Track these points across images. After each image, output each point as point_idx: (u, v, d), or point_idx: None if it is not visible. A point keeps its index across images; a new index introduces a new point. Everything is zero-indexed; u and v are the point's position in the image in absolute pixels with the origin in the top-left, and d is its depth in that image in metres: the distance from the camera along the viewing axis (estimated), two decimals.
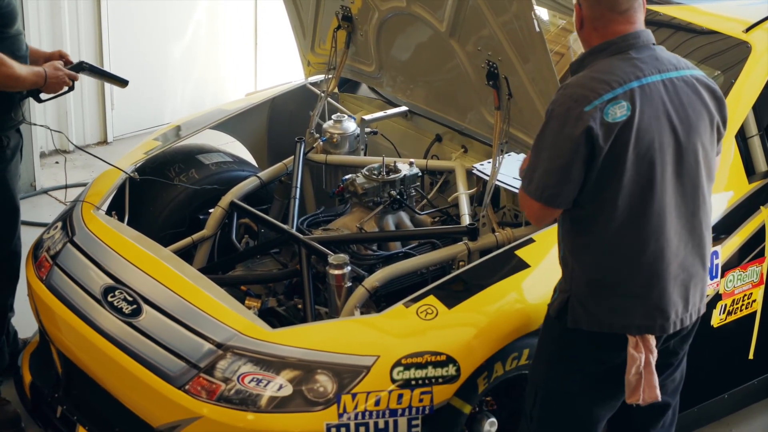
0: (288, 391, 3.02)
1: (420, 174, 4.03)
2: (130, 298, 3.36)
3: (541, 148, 2.78)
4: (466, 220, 3.73)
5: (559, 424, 3.01)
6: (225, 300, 3.33)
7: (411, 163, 4.02)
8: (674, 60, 2.85)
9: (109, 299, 3.38)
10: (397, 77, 4.32)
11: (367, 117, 4.38)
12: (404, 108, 4.46)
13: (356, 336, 3.17)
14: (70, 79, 3.77)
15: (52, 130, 4.42)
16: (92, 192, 3.94)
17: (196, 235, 3.98)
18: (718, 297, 3.64)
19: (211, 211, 4.05)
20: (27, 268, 3.76)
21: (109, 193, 3.91)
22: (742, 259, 3.69)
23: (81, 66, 3.87)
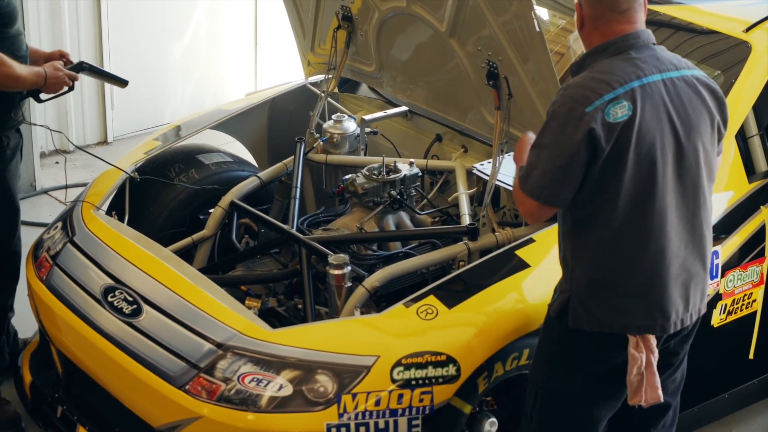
0: (288, 391, 3.02)
1: (420, 174, 4.03)
2: (131, 298, 3.36)
3: (541, 147, 2.78)
4: (467, 220, 3.73)
5: (560, 424, 3.01)
6: (225, 300, 3.32)
7: (411, 163, 4.02)
8: (675, 60, 2.85)
9: (110, 299, 3.38)
10: (397, 77, 4.32)
11: (367, 117, 4.38)
12: (404, 108, 4.45)
13: (356, 336, 3.17)
14: (70, 79, 3.76)
15: (52, 130, 4.41)
16: (92, 192, 3.94)
17: (196, 235, 3.98)
18: (718, 297, 3.64)
19: (211, 211, 4.05)
20: (27, 268, 3.76)
21: (109, 193, 3.91)
22: (742, 259, 3.69)
23: (81, 66, 3.87)
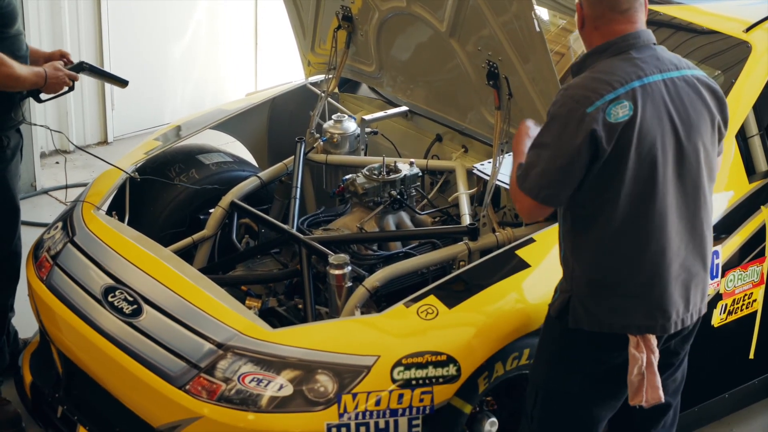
0: (288, 391, 3.02)
1: (420, 174, 4.03)
2: (131, 298, 3.36)
3: (541, 147, 2.78)
4: (467, 220, 3.73)
5: (560, 424, 3.01)
6: (225, 300, 3.32)
7: (411, 163, 4.02)
8: (675, 60, 2.85)
9: (110, 299, 3.38)
10: (398, 77, 4.32)
11: (368, 117, 4.37)
12: (404, 108, 4.45)
13: (357, 336, 3.17)
14: (70, 80, 3.76)
15: (52, 130, 4.40)
16: (92, 192, 3.94)
17: (196, 235, 3.97)
18: (718, 297, 3.64)
19: (211, 211, 4.05)
20: (27, 268, 3.76)
21: (109, 193, 3.91)
22: (742, 259, 3.69)
23: (81, 66, 3.86)
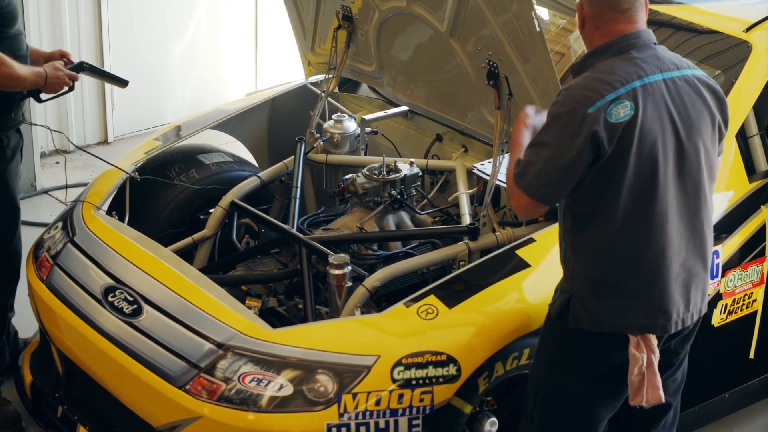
0: (289, 391, 3.02)
1: (420, 174, 4.03)
2: (131, 298, 3.36)
3: (541, 146, 2.77)
4: (467, 220, 3.73)
5: (560, 424, 3.01)
6: (225, 300, 3.32)
7: (411, 163, 4.02)
8: (675, 59, 2.85)
9: (110, 299, 3.38)
10: (398, 77, 4.32)
11: (368, 117, 4.37)
12: (404, 108, 4.45)
13: (357, 336, 3.17)
14: (70, 80, 3.76)
15: (52, 130, 4.40)
16: (93, 192, 3.94)
17: (196, 235, 3.97)
18: (718, 296, 3.64)
19: (211, 211, 4.04)
20: (27, 268, 3.76)
21: (109, 193, 3.91)
22: (742, 259, 3.69)
23: (81, 66, 3.86)
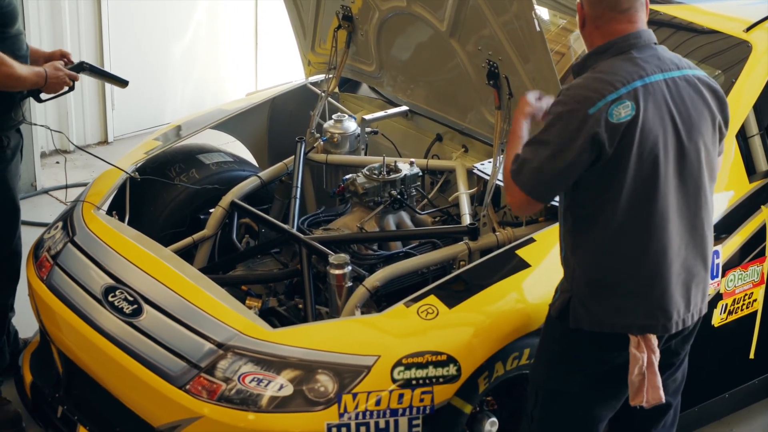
0: (289, 390, 3.02)
1: (420, 174, 4.03)
2: (131, 298, 3.36)
3: (541, 144, 2.76)
4: (467, 220, 3.73)
5: (561, 424, 3.01)
6: (226, 300, 3.32)
7: (411, 163, 4.02)
8: (676, 59, 2.84)
9: (110, 299, 3.38)
10: (398, 77, 4.32)
11: (368, 117, 4.37)
12: (405, 108, 4.45)
13: (357, 336, 3.17)
14: (70, 79, 3.76)
15: (52, 130, 4.40)
16: (93, 192, 3.94)
17: (196, 235, 3.97)
18: (718, 296, 3.64)
19: (211, 210, 4.04)
20: (27, 268, 3.76)
21: (109, 193, 3.91)
22: (742, 259, 3.69)
23: (81, 66, 3.86)
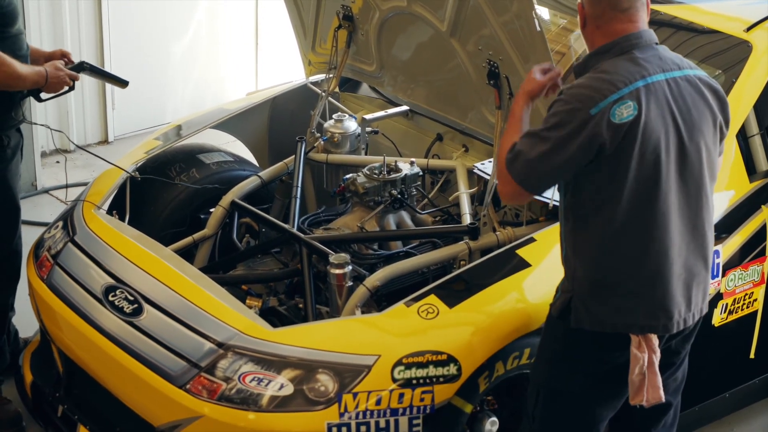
0: (289, 390, 3.02)
1: (421, 173, 4.03)
2: (131, 298, 3.36)
3: (539, 138, 2.74)
4: (467, 220, 3.73)
5: (561, 423, 3.01)
6: (226, 299, 3.32)
7: (412, 163, 4.02)
8: (677, 59, 2.84)
9: (110, 298, 3.38)
10: (398, 77, 4.32)
11: (368, 116, 4.37)
12: (405, 107, 4.45)
13: (357, 335, 3.17)
14: (70, 79, 3.76)
15: (52, 130, 4.40)
16: (93, 191, 3.94)
17: (197, 235, 3.98)
18: (719, 296, 3.64)
19: (212, 210, 4.05)
20: (28, 268, 3.76)
21: (110, 193, 3.91)
22: (743, 258, 3.69)
23: (82, 66, 3.87)
